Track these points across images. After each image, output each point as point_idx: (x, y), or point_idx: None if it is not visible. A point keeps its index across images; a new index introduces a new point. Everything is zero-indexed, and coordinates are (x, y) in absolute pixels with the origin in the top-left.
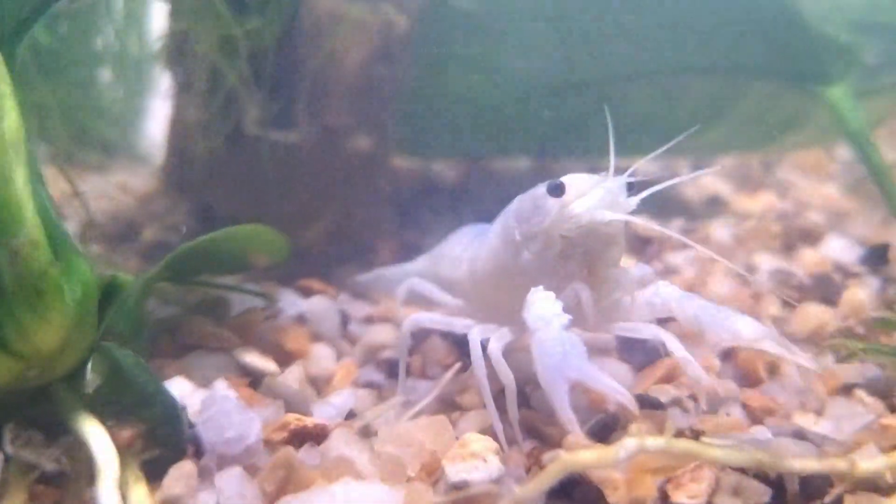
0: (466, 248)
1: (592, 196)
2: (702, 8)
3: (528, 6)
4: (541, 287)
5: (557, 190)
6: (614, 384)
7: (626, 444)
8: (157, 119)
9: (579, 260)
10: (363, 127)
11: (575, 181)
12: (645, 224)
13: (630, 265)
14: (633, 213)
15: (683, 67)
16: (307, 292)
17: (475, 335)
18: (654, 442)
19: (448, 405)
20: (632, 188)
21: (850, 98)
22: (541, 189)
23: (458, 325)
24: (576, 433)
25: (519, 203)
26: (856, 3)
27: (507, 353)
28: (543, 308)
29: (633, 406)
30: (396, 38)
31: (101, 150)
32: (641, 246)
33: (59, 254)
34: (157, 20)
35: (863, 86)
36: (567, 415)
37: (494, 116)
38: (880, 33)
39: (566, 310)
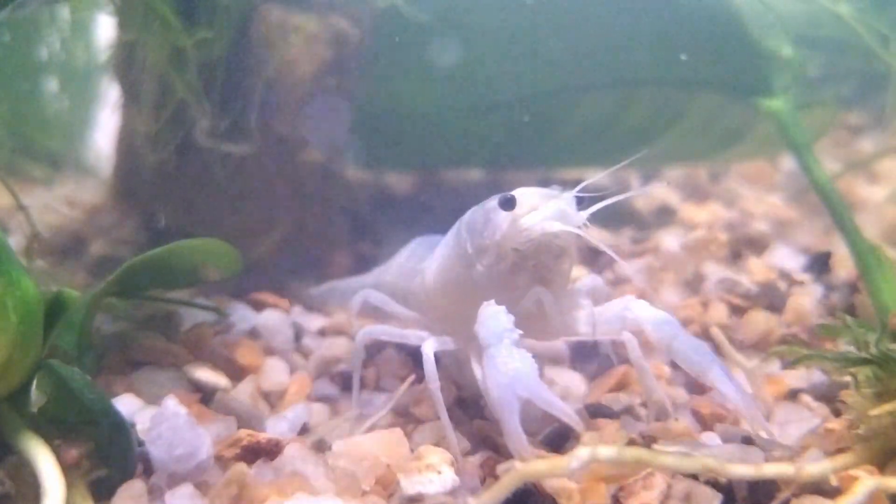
0: (420, 260)
1: (544, 210)
2: (649, 22)
3: (480, 19)
4: (492, 301)
5: (509, 203)
6: (562, 405)
7: (579, 454)
8: (104, 131)
9: (531, 273)
10: (315, 138)
11: (526, 195)
12: (589, 239)
13: (581, 275)
14: (583, 226)
15: (631, 80)
16: (259, 306)
17: (428, 347)
18: (607, 451)
19: (403, 417)
20: (582, 202)
21: (792, 110)
22: (492, 202)
23: (412, 336)
24: (525, 451)
25: (471, 216)
26: (797, 17)
27: (461, 365)
28: (495, 323)
29: (579, 428)
30: (348, 49)
31: (47, 162)
32: (593, 256)
33: (1, 270)
34: (105, 30)
35: (804, 98)
36: (517, 434)
37: (446, 128)
38: (820, 47)
39: (524, 316)
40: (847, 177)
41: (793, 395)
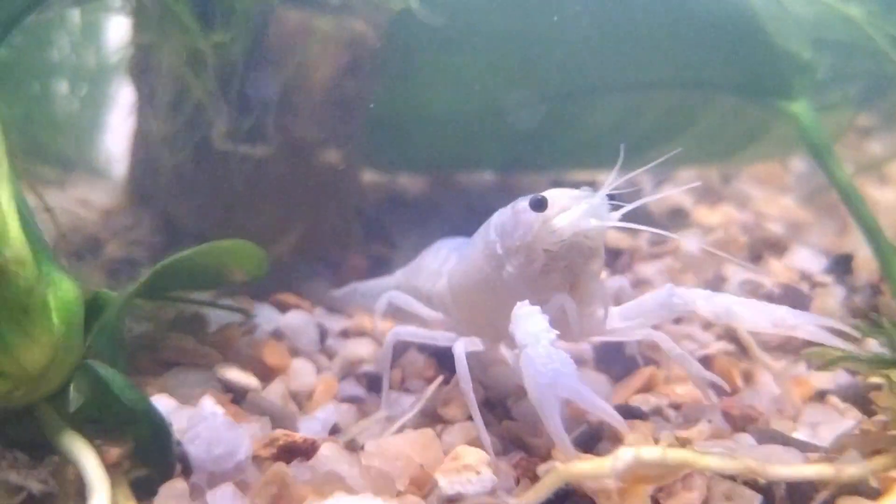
0: (444, 262)
1: (575, 211)
2: (666, 23)
3: (493, 21)
4: (527, 301)
5: (540, 205)
6: (605, 405)
7: (623, 455)
8: (114, 133)
9: (562, 273)
10: (332, 140)
11: (557, 196)
12: (653, 231)
13: (604, 278)
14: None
15: (647, 82)
16: (283, 307)
17: (460, 348)
18: (650, 452)
19: (431, 418)
20: (612, 203)
21: (812, 113)
22: (522, 203)
23: (441, 338)
24: (568, 452)
25: (500, 217)
26: (805, 19)
27: (486, 367)
28: (531, 324)
29: (623, 428)
30: (365, 52)
31: (59, 164)
32: (612, 258)
33: (43, 271)
34: (115, 32)
35: (818, 100)
36: (560, 434)
37: (459, 130)
38: (829, 50)
39: (551, 323)
40: (857, 179)
41: (820, 397)
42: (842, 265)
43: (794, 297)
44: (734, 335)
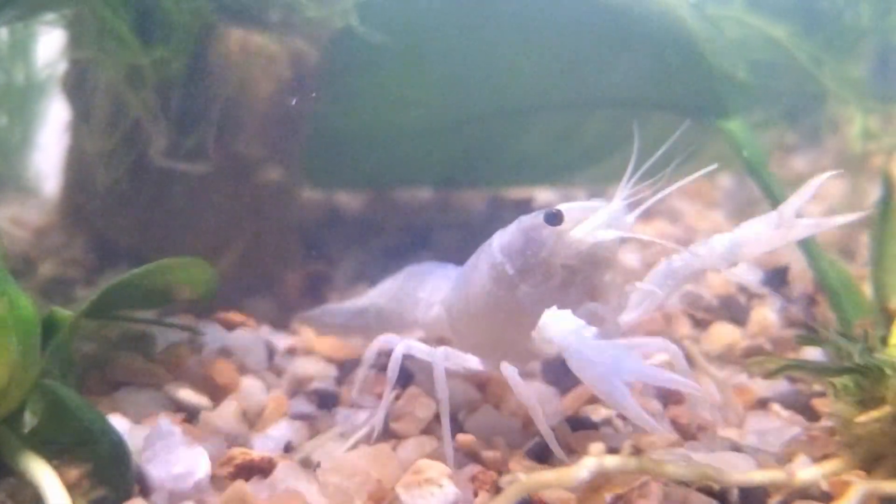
0: (434, 291)
1: (592, 221)
2: (605, 43)
3: (432, 40)
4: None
5: (555, 219)
6: (676, 377)
7: (587, 464)
8: (44, 150)
9: (579, 286)
10: (273, 158)
11: (571, 209)
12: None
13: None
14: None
15: (586, 101)
16: (229, 325)
17: (440, 361)
18: (613, 461)
19: (384, 433)
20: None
21: (747, 130)
22: (532, 220)
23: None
24: (656, 431)
25: (504, 238)
26: (736, 40)
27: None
28: (566, 324)
29: (700, 392)
30: (307, 69)
31: None
32: None
33: (0, 290)
34: (44, 48)
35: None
36: (643, 417)
37: (397, 147)
38: (756, 69)
39: None
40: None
41: (762, 405)
42: (778, 277)
43: (732, 308)
44: (678, 344)
